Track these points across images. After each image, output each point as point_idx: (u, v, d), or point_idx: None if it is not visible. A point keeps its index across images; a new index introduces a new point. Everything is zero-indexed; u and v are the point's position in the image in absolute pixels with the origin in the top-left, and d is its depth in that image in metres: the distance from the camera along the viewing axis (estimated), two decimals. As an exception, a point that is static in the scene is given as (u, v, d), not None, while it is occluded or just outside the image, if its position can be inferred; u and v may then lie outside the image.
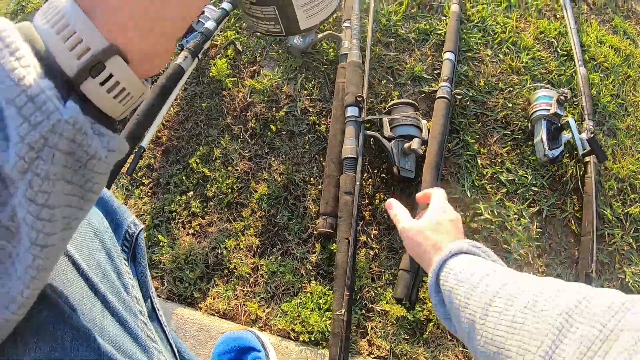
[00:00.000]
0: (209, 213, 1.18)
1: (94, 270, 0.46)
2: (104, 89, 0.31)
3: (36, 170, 0.28)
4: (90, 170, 0.31)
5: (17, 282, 0.30)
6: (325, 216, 1.08)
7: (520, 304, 0.45)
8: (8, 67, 0.27)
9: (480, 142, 1.25)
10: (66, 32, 0.29)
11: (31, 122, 0.27)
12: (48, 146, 0.28)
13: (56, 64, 0.29)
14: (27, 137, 0.27)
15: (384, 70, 1.31)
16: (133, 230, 0.59)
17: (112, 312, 0.46)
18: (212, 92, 1.32)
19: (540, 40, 1.50)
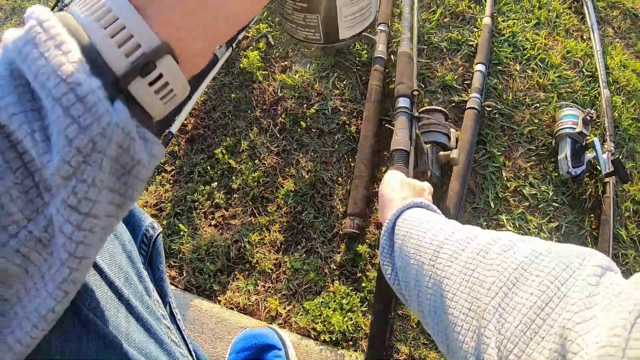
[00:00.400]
0: (233, 205, 1.17)
1: (117, 274, 0.44)
2: (152, 89, 0.28)
3: (82, 176, 0.25)
4: (134, 177, 0.29)
5: (47, 299, 0.28)
6: (353, 216, 1.08)
7: (473, 249, 0.45)
8: (54, 62, 0.24)
9: (505, 155, 1.25)
10: (114, 27, 0.26)
11: (80, 124, 0.24)
12: (97, 151, 0.25)
13: (103, 60, 0.26)
14: (75, 140, 0.24)
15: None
16: (151, 234, 0.57)
17: (137, 317, 0.45)
18: (242, 84, 1.31)
19: (567, 59, 1.51)
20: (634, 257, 1.19)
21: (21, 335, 0.28)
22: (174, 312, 0.62)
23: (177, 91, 0.30)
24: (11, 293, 0.28)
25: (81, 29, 0.26)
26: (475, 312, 0.40)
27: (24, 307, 0.28)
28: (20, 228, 0.26)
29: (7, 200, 0.25)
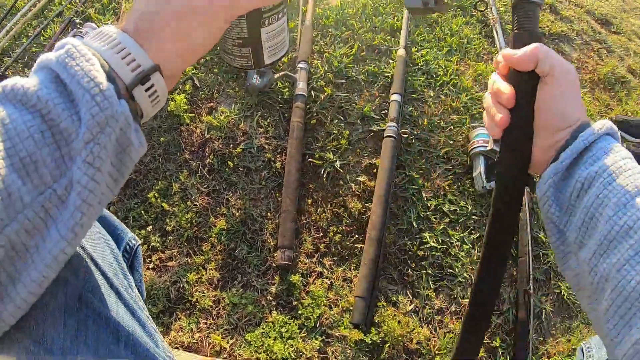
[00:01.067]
0: (169, 247, 1.20)
1: (108, 268, 0.54)
2: (147, 94, 0.41)
3: (98, 140, 0.36)
4: (127, 155, 0.40)
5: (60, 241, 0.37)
6: (283, 249, 1.14)
7: None
8: (86, 69, 0.36)
9: (424, 176, 1.35)
10: (123, 53, 0.39)
11: (101, 107, 0.36)
12: (109, 126, 0.36)
13: (114, 73, 0.38)
14: (96, 116, 0.36)
15: (335, 110, 1.40)
16: (133, 244, 0.69)
17: (124, 303, 0.54)
18: (170, 127, 1.36)
19: (478, 82, 1.64)
20: (554, 255, 1.30)
21: (36, 274, 0.36)
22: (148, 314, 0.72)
23: (161, 97, 0.42)
24: (32, 242, 0.36)
25: (99, 54, 0.38)
26: None
27: (40, 252, 0.36)
28: (47, 188, 0.36)
29: (42, 165, 0.35)
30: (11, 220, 0.34)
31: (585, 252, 0.47)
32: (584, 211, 0.47)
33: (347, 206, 1.25)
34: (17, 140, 0.35)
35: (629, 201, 0.44)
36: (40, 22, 1.64)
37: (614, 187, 0.45)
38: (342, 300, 1.15)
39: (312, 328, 1.11)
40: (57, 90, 0.37)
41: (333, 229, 1.22)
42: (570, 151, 0.48)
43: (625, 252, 0.43)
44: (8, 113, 0.35)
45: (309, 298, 1.14)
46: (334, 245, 1.21)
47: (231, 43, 0.49)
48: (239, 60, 0.51)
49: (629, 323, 0.42)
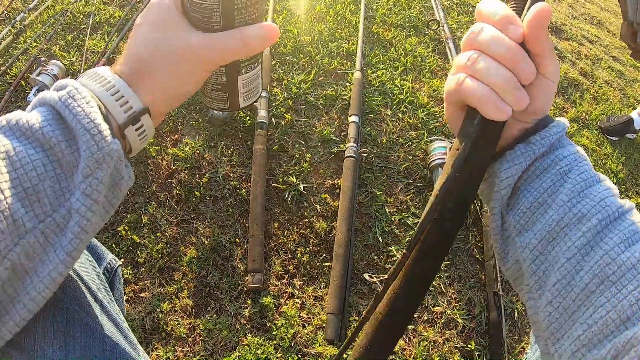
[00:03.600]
0: (142, 279, 1.22)
1: (92, 282, 0.58)
2: (137, 133, 0.45)
3: (96, 175, 0.40)
4: (118, 188, 0.44)
5: (59, 265, 0.40)
6: (253, 272, 1.17)
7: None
8: (87, 110, 0.40)
9: (386, 192, 1.41)
10: (117, 95, 0.43)
11: (99, 145, 0.40)
12: (105, 162, 0.40)
13: (109, 114, 0.42)
14: (95, 154, 0.40)
15: (296, 134, 1.46)
16: (113, 264, 0.74)
17: (108, 315, 0.58)
18: (137, 160, 1.39)
19: (434, 97, 1.73)
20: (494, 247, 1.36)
21: (34, 294, 0.40)
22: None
23: (149, 134, 0.47)
24: (31, 265, 0.40)
25: (95, 95, 0.42)
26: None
27: (39, 274, 0.40)
28: (47, 216, 0.40)
29: (44, 195, 0.39)
30: (15, 244, 0.38)
31: (527, 237, 0.46)
32: (534, 195, 0.46)
33: (313, 227, 1.30)
34: (22, 171, 0.38)
35: (584, 189, 0.43)
36: (6, 61, 1.65)
37: (570, 175, 0.44)
38: (314, 318, 1.19)
39: (288, 347, 1.15)
40: (59, 127, 0.40)
41: (301, 249, 1.27)
42: (546, 140, 0.46)
43: (577, 240, 0.42)
44: (13, 146, 0.39)
45: (282, 319, 1.17)
46: (303, 266, 1.25)
47: (210, 88, 0.53)
48: (216, 103, 0.55)
49: (571, 317, 0.41)
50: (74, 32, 1.79)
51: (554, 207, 0.44)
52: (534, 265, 0.45)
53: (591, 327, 0.39)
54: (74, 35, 1.77)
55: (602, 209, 0.42)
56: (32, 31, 1.79)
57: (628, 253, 0.40)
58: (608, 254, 0.40)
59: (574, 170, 0.44)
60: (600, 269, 0.40)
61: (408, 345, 1.17)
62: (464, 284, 1.31)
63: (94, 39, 1.76)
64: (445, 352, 1.17)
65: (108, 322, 0.57)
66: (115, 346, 0.55)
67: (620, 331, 0.38)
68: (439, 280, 1.29)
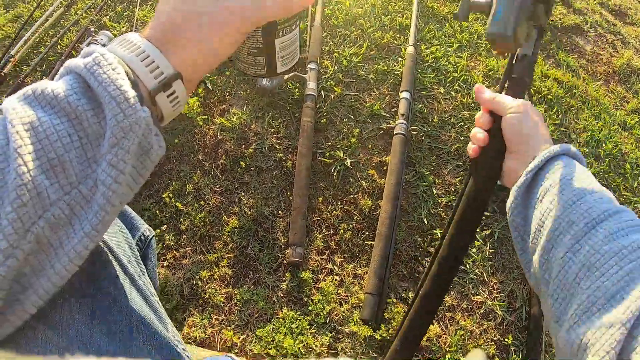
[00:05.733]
0: (183, 246, 1.23)
1: (123, 255, 0.57)
2: (169, 100, 0.43)
3: (122, 145, 0.38)
4: (148, 157, 0.42)
5: (84, 239, 0.39)
6: (294, 246, 1.16)
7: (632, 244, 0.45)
8: (113, 77, 0.38)
9: (434, 173, 1.35)
10: (147, 61, 0.41)
11: (125, 113, 0.38)
12: (132, 131, 0.38)
13: (138, 80, 0.40)
14: (121, 122, 0.38)
15: (345, 109, 1.42)
16: (147, 235, 0.73)
17: (137, 289, 0.57)
18: (184, 129, 1.39)
19: (489, 77, 1.64)
20: (520, 262, 1.28)
21: (59, 267, 0.39)
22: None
23: (182, 101, 0.45)
24: (56, 238, 0.38)
25: (123, 62, 0.40)
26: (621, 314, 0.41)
27: (64, 248, 0.38)
28: (73, 187, 0.38)
29: (69, 166, 0.38)
30: (39, 217, 0.36)
31: (537, 254, 0.54)
32: (538, 216, 0.55)
33: (358, 203, 1.27)
34: (47, 142, 0.37)
35: (575, 202, 0.51)
36: (57, 32, 1.69)
37: (563, 194, 0.52)
38: (352, 297, 1.16)
39: (322, 324, 1.13)
40: (85, 96, 0.39)
41: (343, 226, 1.24)
42: (529, 170, 0.57)
43: (567, 242, 0.49)
44: (38, 116, 0.37)
45: (319, 295, 1.16)
46: (345, 243, 1.22)
47: (246, 52, 0.51)
48: (252, 69, 0.52)
49: (567, 303, 0.48)
50: (124, 3, 1.80)
51: (549, 221, 0.52)
52: (542, 270, 0.53)
53: (580, 306, 0.45)
54: (124, 6, 1.78)
55: (589, 215, 0.49)
56: (82, 3, 1.82)
57: (611, 244, 0.46)
58: (593, 247, 0.47)
59: (567, 189, 0.53)
60: (587, 259, 0.47)
61: (444, 332, 1.13)
62: (507, 274, 1.24)
63: (144, 9, 1.76)
64: (482, 343, 1.12)
65: (137, 296, 0.56)
66: (143, 321, 0.54)
67: (607, 309, 0.42)
68: (482, 268, 1.23)
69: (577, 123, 1.57)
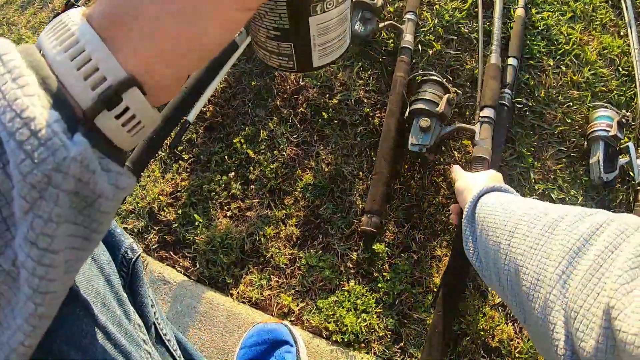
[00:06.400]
0: (250, 197, 1.14)
1: (93, 299, 0.43)
2: (119, 122, 0.28)
3: (38, 211, 0.24)
4: (97, 210, 0.28)
5: (17, 333, 0.28)
6: (370, 214, 1.04)
7: (542, 226, 0.49)
8: (9, 97, 0.24)
9: (534, 155, 1.19)
10: (81, 59, 0.26)
11: (34, 158, 0.24)
12: (52, 186, 0.24)
13: (66, 92, 0.26)
14: (28, 176, 0.24)
15: (443, 68, 1.26)
16: (130, 256, 0.55)
17: (114, 344, 0.44)
18: (263, 71, 1.27)
19: (603, 56, 1.43)
20: None
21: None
22: (162, 334, 0.61)
23: (145, 122, 0.29)
24: None
25: (43, 61, 0.26)
26: (542, 281, 0.45)
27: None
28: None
29: None
30: None
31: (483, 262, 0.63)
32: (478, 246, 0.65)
33: (447, 176, 1.13)
34: None
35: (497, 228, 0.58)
36: None
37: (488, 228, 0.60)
38: (427, 279, 1.04)
39: (390, 304, 1.02)
40: None
41: (429, 198, 1.11)
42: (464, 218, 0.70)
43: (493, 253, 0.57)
44: None
45: (392, 272, 1.04)
46: (428, 217, 1.09)
47: (265, 34, 0.33)
48: (275, 59, 0.35)
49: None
50: None
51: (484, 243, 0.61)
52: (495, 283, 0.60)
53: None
54: None
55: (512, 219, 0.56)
56: None
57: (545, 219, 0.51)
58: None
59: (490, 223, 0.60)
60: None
61: (517, 336, 1.00)
62: None
63: None
64: None
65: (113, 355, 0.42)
66: None
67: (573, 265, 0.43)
68: None
69: None
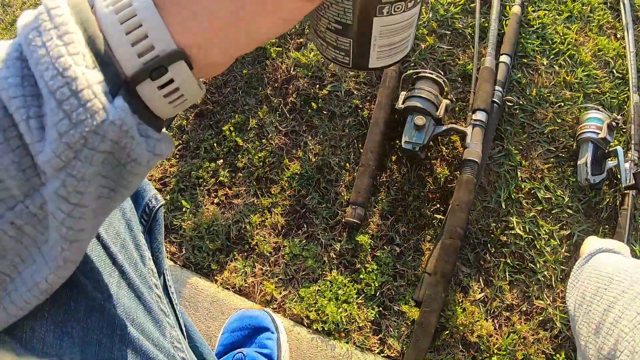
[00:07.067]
0: (237, 184, 1.14)
1: (113, 240, 0.44)
2: (162, 93, 0.27)
3: (72, 171, 0.25)
4: (129, 171, 0.29)
5: (42, 268, 0.29)
6: (355, 206, 1.05)
7: None
8: (53, 54, 0.23)
9: (523, 153, 1.20)
10: (131, 23, 0.25)
11: (72, 119, 0.24)
12: (87, 147, 0.25)
13: (111, 54, 0.25)
14: (65, 135, 0.24)
15: (435, 62, 1.26)
16: (153, 205, 0.56)
17: (129, 283, 0.45)
18: (254, 60, 1.28)
19: (598, 58, 1.43)
20: None
21: (16, 297, 0.29)
22: (168, 284, 0.62)
23: (188, 96, 0.29)
24: (6, 264, 0.28)
25: (94, 19, 0.25)
26: None
27: (20, 274, 0.29)
28: (17, 202, 0.27)
29: (5, 176, 0.25)
30: None
31: None
32: None
33: (434, 170, 1.13)
34: None
35: None
36: None
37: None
38: (409, 272, 1.05)
39: (371, 296, 1.04)
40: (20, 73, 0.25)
41: (414, 192, 1.11)
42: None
43: None
44: None
45: (374, 263, 1.05)
46: (412, 211, 1.10)
47: (325, 25, 0.33)
48: (332, 52, 0.35)
49: None
50: None
51: None
52: None
53: None
54: None
55: None
56: None
57: None
58: None
59: None
60: None
61: (497, 332, 1.01)
62: None
63: None
64: (531, 353, 1.00)
65: (127, 295, 0.43)
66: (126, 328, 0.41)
67: None
68: (552, 271, 1.08)
69: None
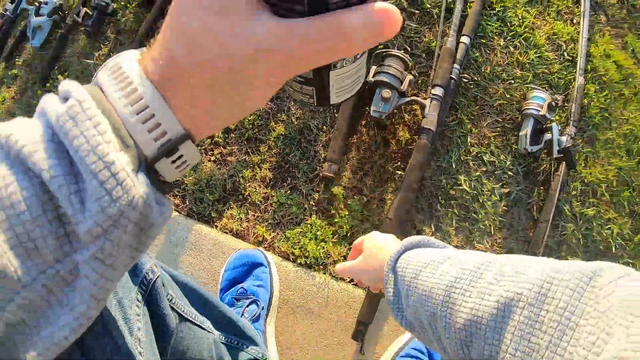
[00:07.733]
0: (230, 144, 1.34)
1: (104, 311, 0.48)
2: (173, 166, 0.33)
3: (110, 236, 0.30)
4: (148, 236, 0.34)
5: (64, 329, 0.32)
6: (330, 162, 1.25)
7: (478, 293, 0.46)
8: (93, 142, 0.28)
9: (473, 122, 1.40)
10: (145, 114, 0.30)
11: (112, 196, 0.29)
12: (123, 217, 0.30)
13: (131, 139, 0.30)
14: (107, 209, 0.29)
15: (403, 39, 1.44)
16: (150, 277, 0.61)
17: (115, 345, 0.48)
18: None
19: (552, 41, 1.59)
20: (572, 230, 1.33)
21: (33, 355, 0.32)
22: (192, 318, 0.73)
23: (191, 162, 0.34)
24: (33, 319, 0.31)
25: (111, 109, 0.30)
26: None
27: (40, 332, 0.32)
28: (49, 267, 0.30)
29: (42, 243, 0.29)
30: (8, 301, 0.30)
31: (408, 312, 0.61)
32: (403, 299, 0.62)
33: (397, 134, 1.34)
34: (12, 212, 0.28)
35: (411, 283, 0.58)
36: None
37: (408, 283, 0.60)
38: (374, 217, 1.27)
39: (344, 236, 1.26)
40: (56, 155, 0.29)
41: (379, 152, 1.32)
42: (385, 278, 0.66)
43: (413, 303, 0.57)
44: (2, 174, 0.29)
45: (346, 210, 1.27)
46: (377, 167, 1.31)
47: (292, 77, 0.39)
48: (299, 95, 0.41)
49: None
50: None
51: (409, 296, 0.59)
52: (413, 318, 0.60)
53: None
54: None
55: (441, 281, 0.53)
56: None
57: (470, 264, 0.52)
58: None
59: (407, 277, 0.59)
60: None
61: None
62: (512, 233, 1.32)
63: None
64: None
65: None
66: None
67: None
68: (492, 221, 1.30)
69: (622, 113, 1.55)
